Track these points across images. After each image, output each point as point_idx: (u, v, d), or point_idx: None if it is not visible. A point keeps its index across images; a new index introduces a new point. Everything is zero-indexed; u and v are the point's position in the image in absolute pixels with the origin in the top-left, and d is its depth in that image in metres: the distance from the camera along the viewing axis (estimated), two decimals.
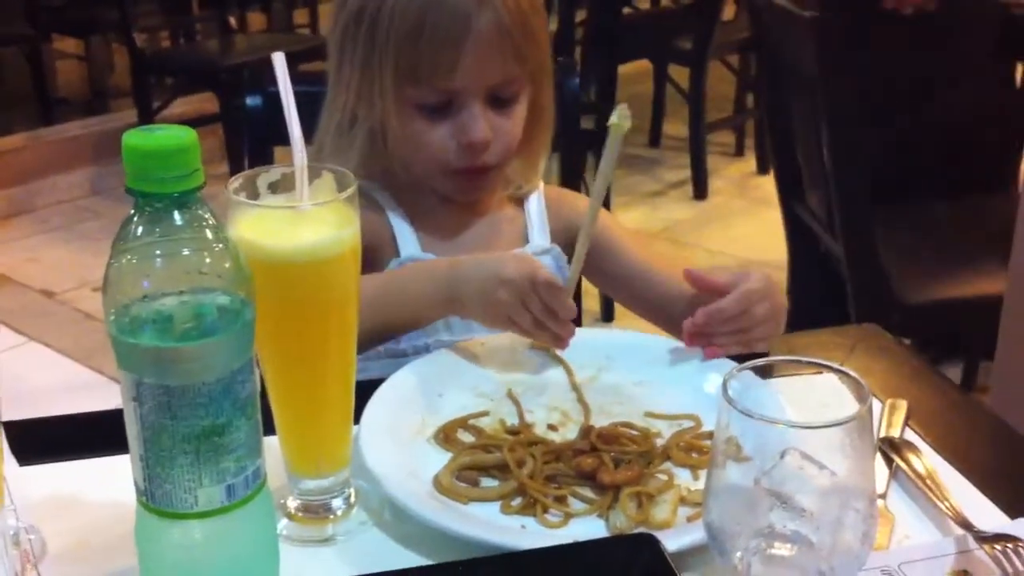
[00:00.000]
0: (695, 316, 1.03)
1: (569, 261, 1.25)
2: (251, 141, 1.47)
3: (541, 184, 1.28)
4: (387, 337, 1.12)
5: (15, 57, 4.81)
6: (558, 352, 1.06)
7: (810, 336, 1.18)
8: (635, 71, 4.49)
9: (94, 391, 2.68)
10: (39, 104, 4.57)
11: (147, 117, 3.94)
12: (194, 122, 3.66)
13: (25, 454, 0.87)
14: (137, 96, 4.04)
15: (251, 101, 1.42)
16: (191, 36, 4.97)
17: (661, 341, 1.08)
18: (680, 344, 1.06)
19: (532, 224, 1.25)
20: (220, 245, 0.71)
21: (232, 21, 4.45)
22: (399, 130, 1.16)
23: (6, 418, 0.83)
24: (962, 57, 2.32)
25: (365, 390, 0.92)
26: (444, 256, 1.16)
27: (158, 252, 0.70)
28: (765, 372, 0.70)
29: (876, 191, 2.14)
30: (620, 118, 0.97)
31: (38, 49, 4.61)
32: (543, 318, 1.02)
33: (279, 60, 0.83)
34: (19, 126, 4.29)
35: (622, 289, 1.27)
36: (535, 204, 1.27)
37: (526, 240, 1.25)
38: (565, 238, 1.25)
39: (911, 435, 0.96)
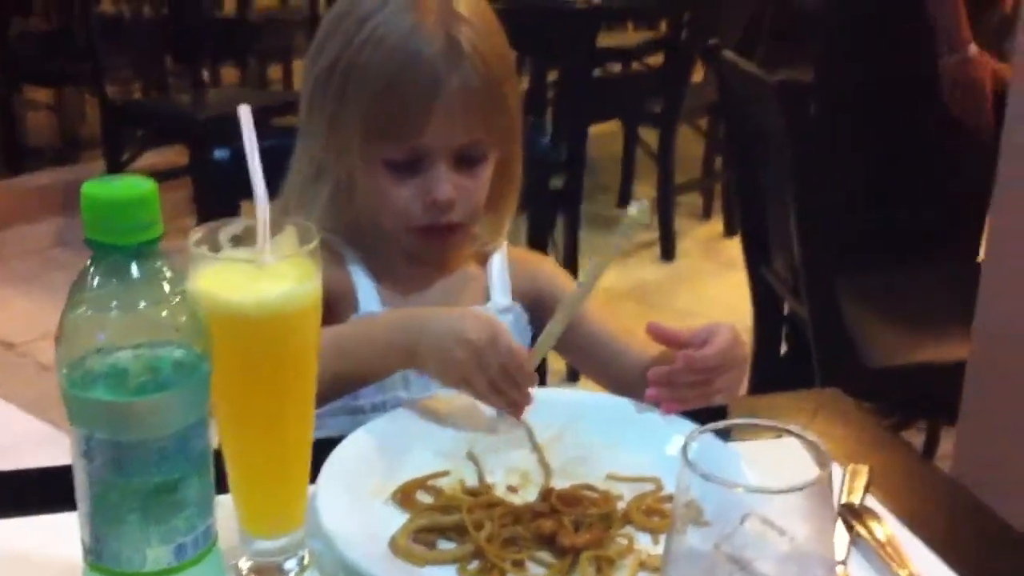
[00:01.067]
0: (676, 361, 1.02)
1: (530, 322, 1.25)
2: (219, 194, 1.46)
3: (505, 243, 1.28)
4: (345, 390, 1.10)
5: None
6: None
7: (772, 399, 1.18)
8: (606, 132, 4.53)
9: (52, 445, 2.62)
10: (8, 153, 4.54)
11: (116, 168, 3.91)
12: (164, 174, 3.66)
13: None
14: (107, 147, 4.02)
15: (219, 154, 1.42)
16: (163, 89, 4.97)
17: (625, 402, 1.07)
18: (643, 405, 1.05)
19: (494, 283, 1.25)
20: (177, 298, 0.70)
21: (205, 75, 4.46)
22: (365, 184, 1.16)
23: None
24: (935, 123, 2.35)
25: (322, 448, 0.91)
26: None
27: (114, 304, 0.69)
28: (726, 435, 0.70)
29: (842, 255, 2.16)
30: (639, 212, 0.98)
31: (9, 99, 4.59)
32: (500, 382, 1.01)
33: (245, 112, 0.83)
34: None
35: (587, 359, 1.25)
36: (498, 263, 1.27)
37: (487, 298, 1.24)
38: (526, 298, 1.25)
39: (872, 501, 0.96)
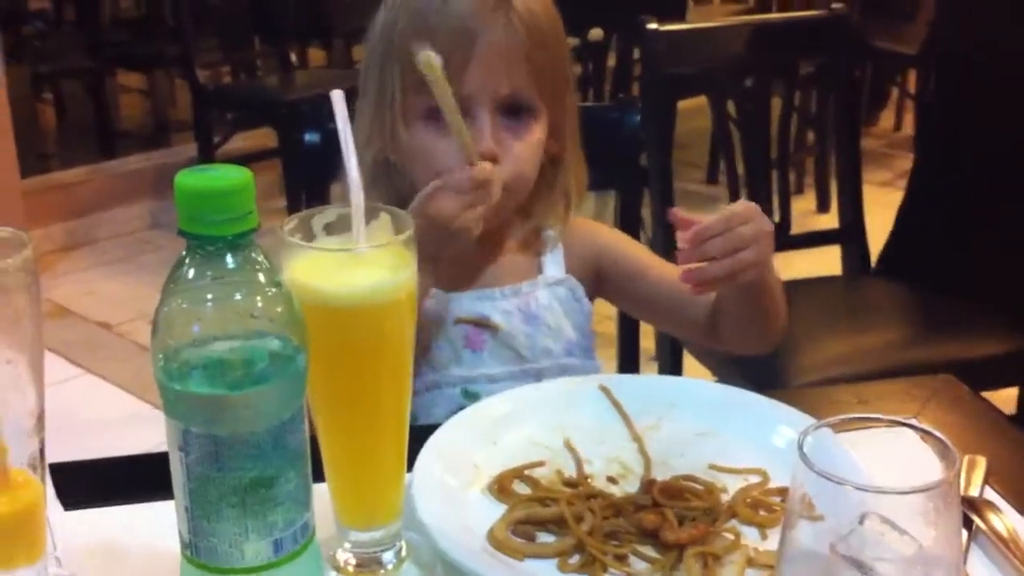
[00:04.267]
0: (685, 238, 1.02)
1: (588, 292, 1.23)
2: (308, 177, 1.46)
3: None
4: None
5: (78, 91, 4.88)
6: (619, 400, 1.02)
7: (883, 386, 1.13)
8: (694, 107, 4.46)
9: (150, 424, 2.65)
10: (100, 137, 4.64)
11: (207, 151, 3.97)
12: (254, 157, 3.70)
13: (70, 498, 0.85)
14: (198, 130, 4.08)
15: (309, 137, 1.41)
16: (252, 72, 5.02)
17: (725, 389, 1.04)
18: (745, 392, 1.02)
19: (546, 255, 1.23)
20: (273, 289, 0.69)
21: (292, 57, 4.49)
22: (407, 143, 1.14)
23: (62, 450, 0.82)
24: None
25: (417, 437, 0.89)
26: (454, 287, 1.16)
27: (209, 296, 0.68)
28: (839, 428, 0.67)
29: None
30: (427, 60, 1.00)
31: (101, 83, 4.69)
32: (469, 201, 1.04)
33: (338, 98, 0.81)
34: (80, 159, 4.34)
35: (656, 310, 1.26)
36: (551, 236, 1.23)
37: (539, 271, 1.22)
38: (584, 268, 1.23)
39: (991, 494, 0.91)
